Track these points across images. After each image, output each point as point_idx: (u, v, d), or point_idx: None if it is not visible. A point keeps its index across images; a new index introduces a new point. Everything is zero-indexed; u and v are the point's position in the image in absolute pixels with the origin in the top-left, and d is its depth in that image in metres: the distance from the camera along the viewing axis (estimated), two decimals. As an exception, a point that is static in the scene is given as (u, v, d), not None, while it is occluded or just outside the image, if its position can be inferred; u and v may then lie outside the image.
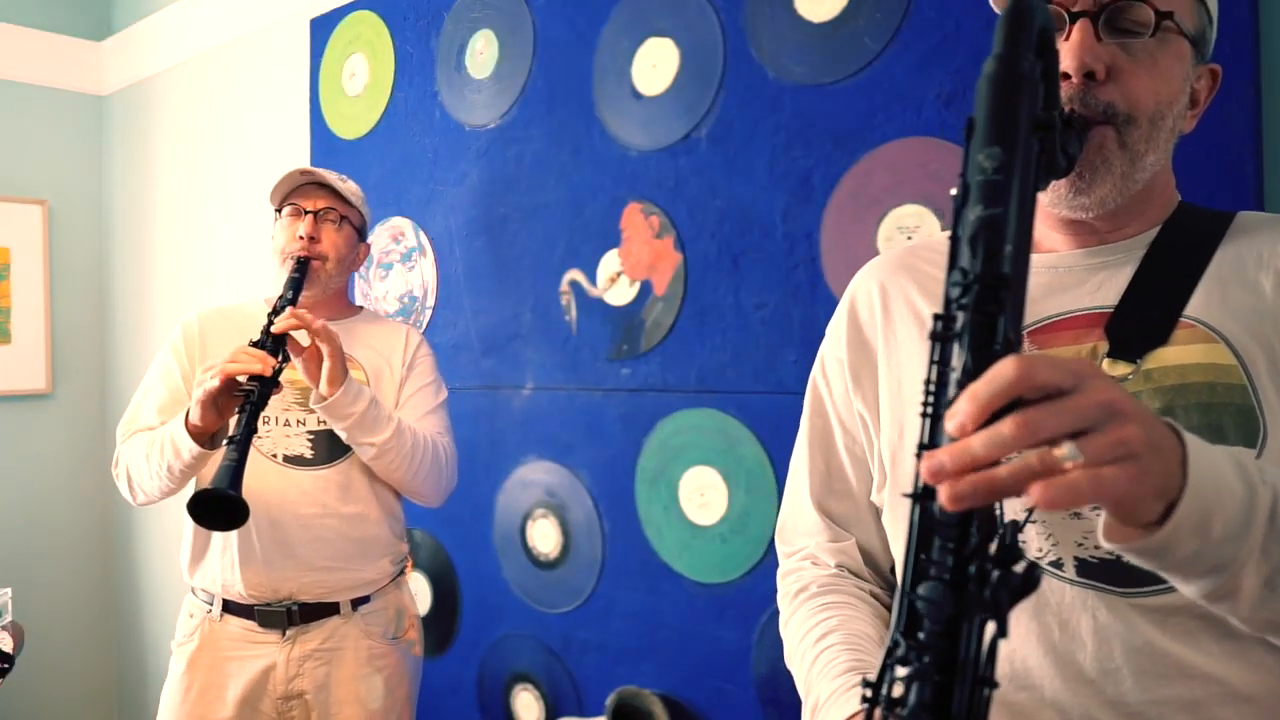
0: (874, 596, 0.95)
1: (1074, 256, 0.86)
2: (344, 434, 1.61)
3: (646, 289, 1.80)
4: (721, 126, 1.69)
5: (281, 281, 1.70)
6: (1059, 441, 0.53)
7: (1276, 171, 1.20)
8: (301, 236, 1.69)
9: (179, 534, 1.74)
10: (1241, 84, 1.19)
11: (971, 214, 0.56)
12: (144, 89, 3.08)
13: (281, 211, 1.75)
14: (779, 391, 1.62)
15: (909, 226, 1.48)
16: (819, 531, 0.98)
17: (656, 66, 1.78)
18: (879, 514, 0.96)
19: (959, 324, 0.55)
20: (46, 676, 3.03)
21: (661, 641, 1.78)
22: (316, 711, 1.66)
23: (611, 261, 1.85)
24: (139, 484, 1.65)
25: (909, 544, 0.55)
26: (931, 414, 0.57)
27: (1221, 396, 0.76)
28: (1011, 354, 0.53)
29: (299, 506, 1.65)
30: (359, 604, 1.70)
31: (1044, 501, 0.51)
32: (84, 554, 3.18)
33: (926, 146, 1.47)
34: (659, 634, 1.78)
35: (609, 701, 1.76)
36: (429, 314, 2.18)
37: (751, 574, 1.65)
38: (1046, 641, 0.77)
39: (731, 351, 1.68)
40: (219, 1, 2.75)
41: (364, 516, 1.69)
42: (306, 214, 1.72)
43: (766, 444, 1.64)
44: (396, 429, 1.62)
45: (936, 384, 0.57)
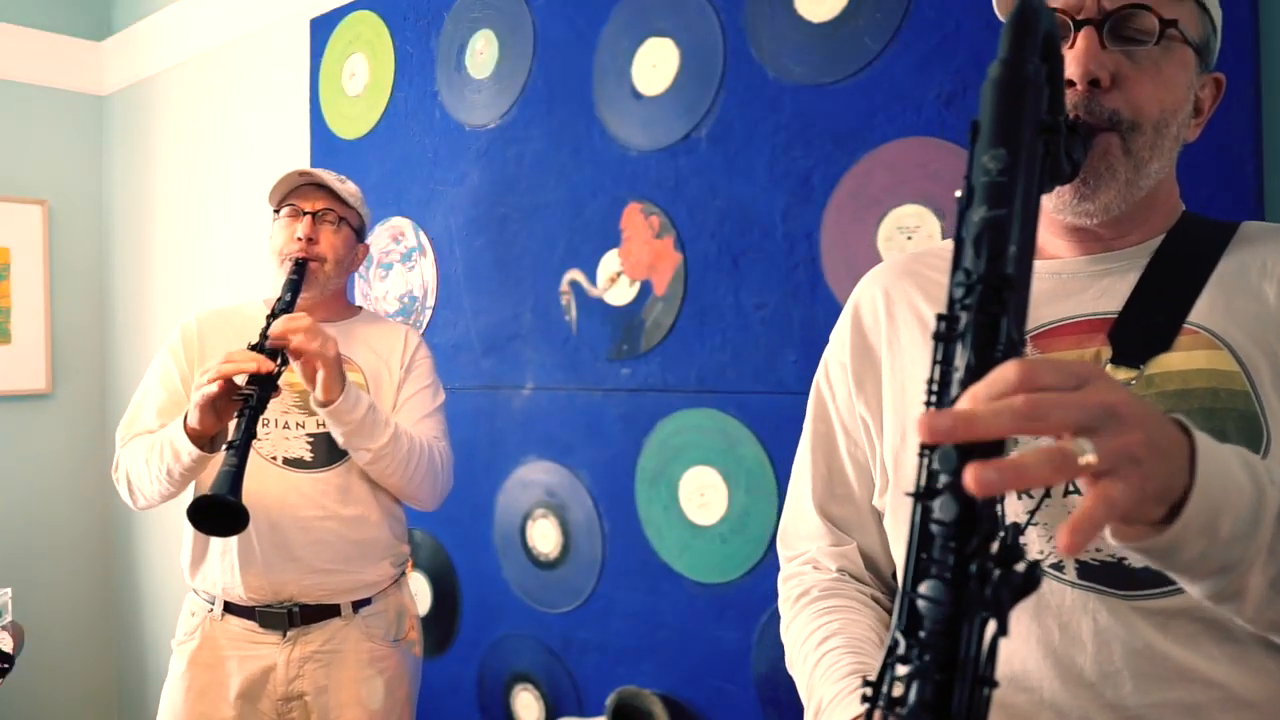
0: (875, 601, 0.95)
1: (1078, 263, 0.87)
2: (341, 439, 1.60)
3: (646, 289, 1.80)
4: (721, 126, 1.69)
5: (280, 283, 1.69)
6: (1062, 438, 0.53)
7: (1276, 173, 1.19)
8: (299, 238, 1.68)
9: (179, 534, 1.74)
10: (1242, 86, 1.19)
11: (975, 215, 0.56)
12: (144, 89, 3.08)
13: (280, 212, 1.74)
14: (779, 391, 1.62)
15: (909, 226, 1.48)
16: (820, 536, 0.98)
17: (656, 66, 1.78)
18: (880, 518, 0.96)
19: (962, 324, 0.55)
20: (46, 676, 3.03)
21: (661, 641, 1.78)
22: (316, 714, 1.66)
23: (611, 261, 1.85)
24: (139, 488, 1.65)
25: (910, 543, 0.55)
26: None
27: (1225, 402, 0.76)
28: (1014, 355, 0.53)
29: (299, 509, 1.64)
30: (360, 606, 1.70)
31: (1070, 548, 0.50)
32: (84, 554, 3.18)
33: (926, 146, 1.47)
34: (659, 634, 1.79)
35: (609, 701, 1.76)
36: (429, 314, 2.18)
37: (751, 574, 1.65)
38: (1046, 644, 0.77)
39: (731, 351, 1.68)
40: (219, 1, 2.75)
41: (364, 518, 1.69)
42: (304, 215, 1.71)
43: (766, 444, 1.64)
44: (393, 435, 1.61)
45: (939, 384, 0.57)
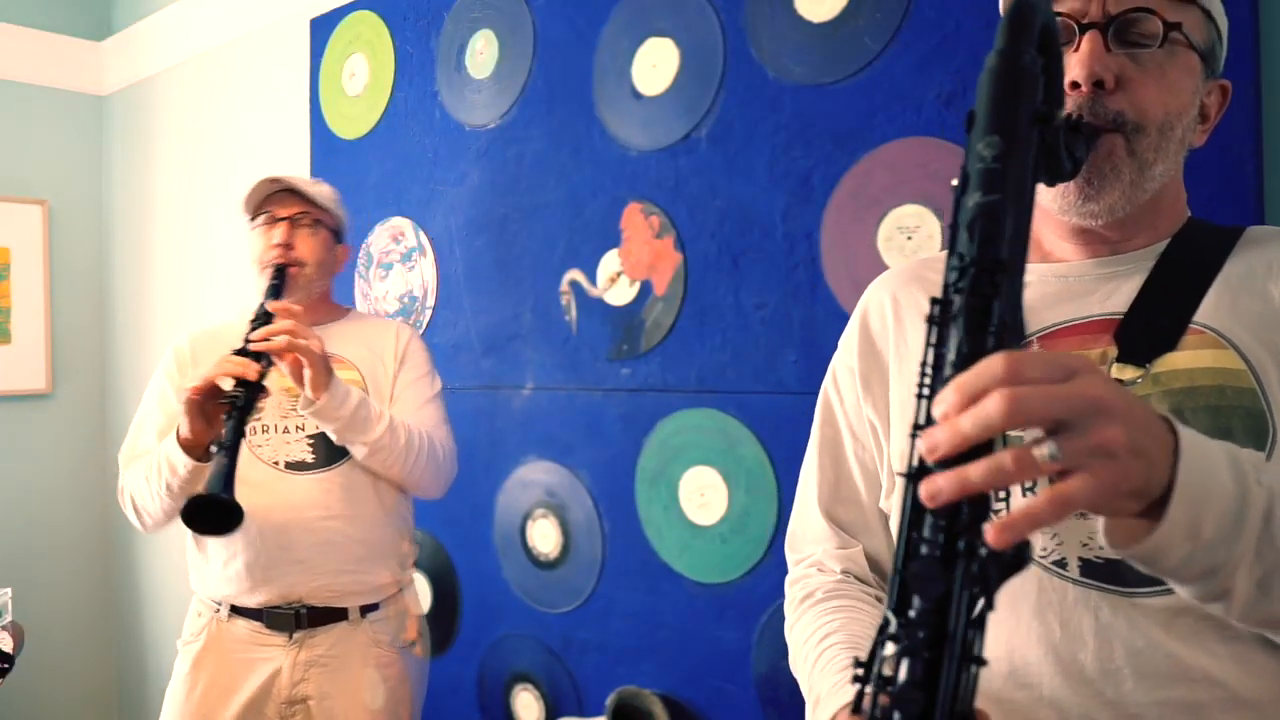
0: (879, 602, 0.96)
1: (1084, 266, 0.87)
2: (335, 435, 1.61)
3: (646, 289, 1.80)
4: (721, 126, 1.69)
5: (262, 291, 1.70)
6: (1043, 440, 0.53)
7: (1276, 173, 1.20)
8: (277, 244, 1.70)
9: (179, 534, 1.72)
10: (1242, 88, 1.19)
11: (970, 201, 0.57)
12: (144, 89, 3.08)
13: (255, 221, 1.76)
14: (779, 391, 1.62)
15: (909, 226, 1.48)
16: (827, 539, 0.99)
17: (656, 66, 1.78)
18: (887, 521, 0.96)
19: (955, 308, 0.56)
20: (46, 676, 3.03)
21: (661, 641, 1.78)
22: (319, 719, 1.66)
23: (611, 261, 1.85)
24: (143, 508, 1.65)
25: (902, 523, 0.56)
26: (928, 396, 0.57)
27: (1231, 400, 0.76)
28: (1007, 338, 0.54)
29: (303, 511, 1.64)
30: (368, 611, 1.70)
31: (999, 542, 0.51)
32: (84, 554, 3.18)
33: (926, 146, 1.47)
34: (659, 634, 1.79)
35: (609, 701, 1.76)
36: (429, 314, 2.18)
37: (751, 574, 1.65)
38: (1047, 641, 0.77)
39: (731, 351, 1.68)
40: (219, 1, 2.75)
41: (369, 517, 1.69)
42: (279, 221, 1.72)
43: (766, 444, 1.64)
44: (389, 426, 1.62)
45: (934, 367, 0.58)
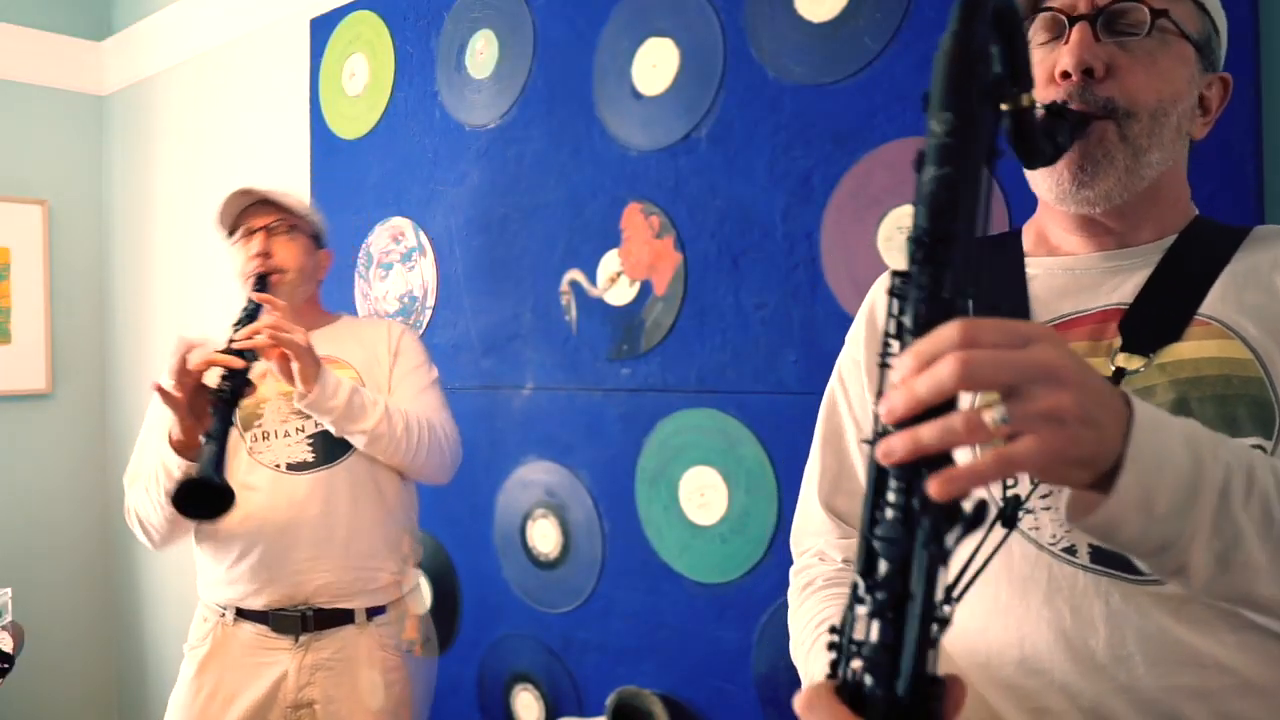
0: None
1: (1092, 259, 0.88)
2: (332, 427, 1.62)
3: (646, 289, 1.80)
4: (721, 126, 1.69)
5: (244, 302, 1.71)
6: (995, 404, 0.54)
7: (1277, 172, 1.20)
8: (255, 254, 1.72)
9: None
10: (1242, 86, 1.19)
11: (925, 176, 0.59)
12: (144, 89, 3.08)
13: (233, 237, 1.77)
14: (779, 391, 1.62)
15: (909, 226, 1.48)
16: (828, 530, 1.01)
17: (656, 66, 1.78)
18: None
19: (913, 279, 0.58)
20: (46, 676, 3.03)
21: (661, 641, 1.78)
22: None
23: (611, 261, 1.85)
24: (148, 522, 1.65)
25: (868, 489, 0.57)
26: (890, 365, 0.59)
27: (1237, 388, 0.76)
28: (958, 308, 0.56)
29: (305, 508, 1.65)
30: (374, 614, 1.70)
31: (940, 494, 0.52)
32: (84, 554, 3.18)
33: (926, 147, 1.46)
34: (659, 634, 1.78)
35: (609, 701, 1.76)
36: (429, 314, 2.18)
37: (751, 574, 1.65)
38: (1058, 627, 0.77)
39: (731, 351, 1.68)
40: (219, 1, 2.75)
41: (372, 514, 1.69)
42: (255, 232, 1.74)
43: (766, 444, 1.64)
44: (384, 413, 1.63)
45: (895, 336, 0.59)
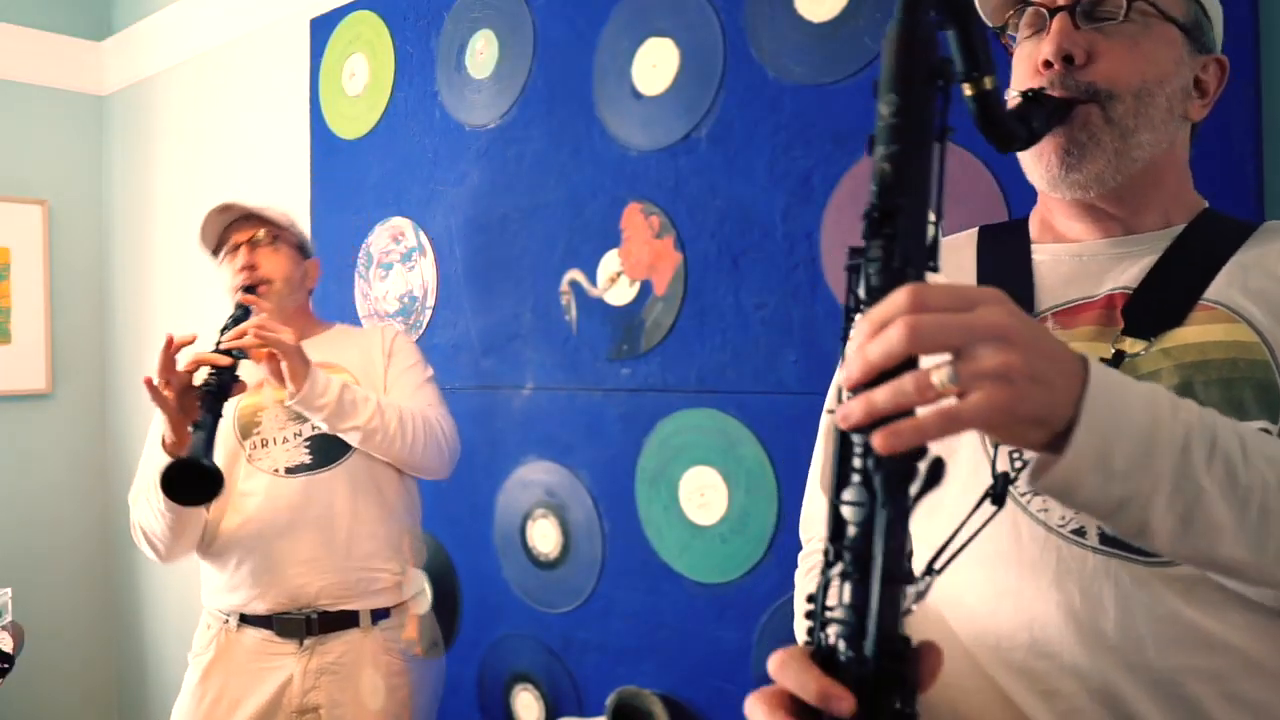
0: None
1: (1098, 245, 0.89)
2: (325, 425, 1.62)
3: (646, 289, 1.80)
4: (721, 126, 1.69)
5: (230, 313, 1.71)
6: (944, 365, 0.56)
7: (1276, 172, 1.20)
8: (240, 268, 1.73)
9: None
10: (1241, 83, 1.19)
11: (875, 155, 0.60)
12: (144, 89, 3.08)
13: (219, 256, 1.79)
14: (779, 391, 1.62)
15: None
16: None
17: (656, 66, 1.78)
18: None
19: (866, 253, 0.60)
20: (46, 676, 3.03)
21: (661, 641, 1.78)
22: None
23: (611, 261, 1.85)
24: (151, 533, 1.65)
25: (834, 455, 0.59)
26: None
27: (1244, 372, 0.76)
28: (905, 279, 0.57)
29: (305, 510, 1.65)
30: (379, 617, 1.70)
31: (884, 447, 0.54)
32: (84, 554, 3.18)
33: (926, 146, 1.46)
34: (659, 634, 1.78)
35: (609, 701, 1.76)
36: (429, 314, 2.18)
37: (751, 574, 1.65)
38: (1068, 608, 0.77)
39: (731, 351, 1.68)
40: (219, 1, 2.75)
41: (372, 513, 1.69)
42: (238, 247, 1.75)
43: (766, 444, 1.64)
44: (377, 408, 1.63)
45: (856, 310, 0.61)
